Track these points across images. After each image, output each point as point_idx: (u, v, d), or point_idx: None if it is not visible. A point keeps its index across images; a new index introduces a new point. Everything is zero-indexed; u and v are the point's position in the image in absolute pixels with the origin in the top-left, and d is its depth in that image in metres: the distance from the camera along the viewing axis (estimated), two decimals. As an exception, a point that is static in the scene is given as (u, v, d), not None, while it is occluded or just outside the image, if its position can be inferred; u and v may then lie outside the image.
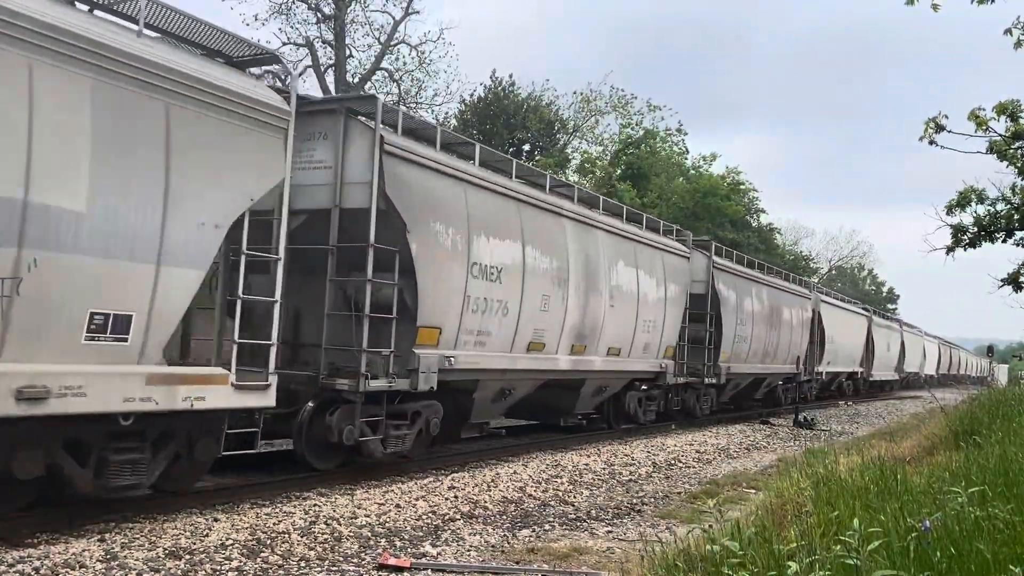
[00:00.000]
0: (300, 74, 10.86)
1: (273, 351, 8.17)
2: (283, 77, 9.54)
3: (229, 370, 7.67)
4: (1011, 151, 12.19)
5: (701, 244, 20.22)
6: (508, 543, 7.58)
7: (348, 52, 29.64)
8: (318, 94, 21.95)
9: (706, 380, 19.46)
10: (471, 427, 12.49)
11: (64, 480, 6.85)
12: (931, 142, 11.94)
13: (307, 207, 9.82)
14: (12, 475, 6.43)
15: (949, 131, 11.86)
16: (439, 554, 7.04)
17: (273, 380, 8.09)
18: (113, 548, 6.40)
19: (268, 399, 8.08)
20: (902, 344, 44.76)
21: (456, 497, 9.31)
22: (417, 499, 9.02)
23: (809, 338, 27.43)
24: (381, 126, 9.68)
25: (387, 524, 7.94)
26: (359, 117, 9.91)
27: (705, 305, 19.36)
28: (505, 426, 14.57)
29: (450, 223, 10.60)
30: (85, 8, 7.20)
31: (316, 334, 9.93)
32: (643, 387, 16.94)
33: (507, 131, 33.64)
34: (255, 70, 9.41)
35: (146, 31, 7.27)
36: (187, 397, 7.22)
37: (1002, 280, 13.59)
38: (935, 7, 9.90)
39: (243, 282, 7.86)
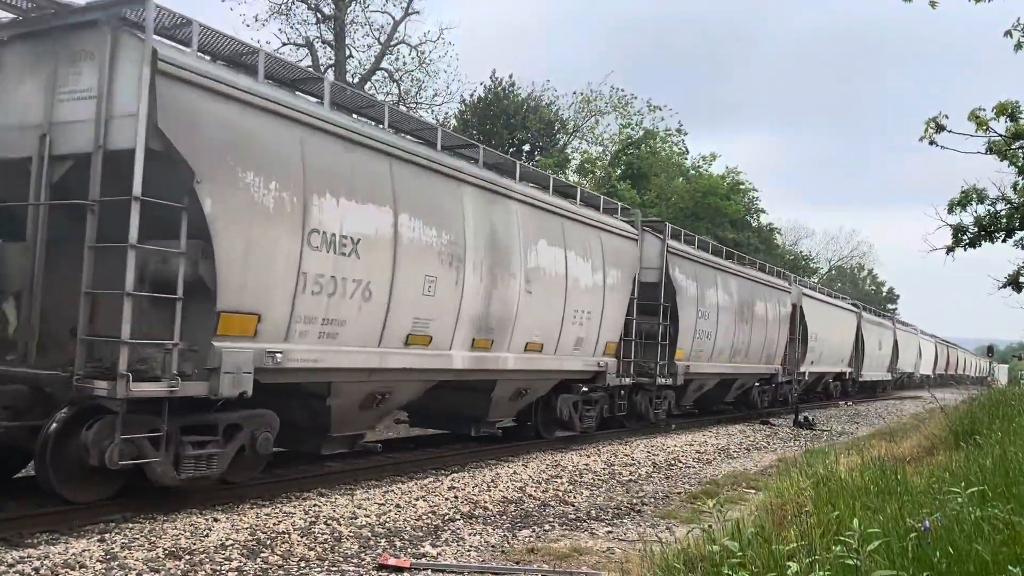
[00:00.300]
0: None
1: None
2: None
3: None
4: (1011, 151, 12.19)
5: (652, 225, 17.55)
6: (508, 543, 7.58)
7: (348, 52, 29.58)
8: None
9: (659, 381, 16.84)
10: (336, 441, 9.73)
11: None
12: (931, 142, 11.95)
13: (71, 150, 7.58)
14: None
15: (949, 131, 11.87)
16: (439, 554, 7.04)
17: None
18: (113, 548, 6.40)
19: None
20: (895, 342, 42.32)
21: (456, 497, 9.31)
22: (417, 499, 9.02)
23: (789, 335, 25.35)
24: (160, 40, 7.46)
25: (387, 524, 7.94)
26: (135, 31, 7.40)
27: (658, 295, 16.78)
28: (384, 439, 12.37)
29: (274, 176, 8.08)
30: None
31: (107, 322, 7.43)
32: (583, 389, 14.50)
33: (507, 131, 33.62)
34: None
35: None
36: None
37: (1003, 282, 13.60)
38: (933, 4, 9.92)
39: None
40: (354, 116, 10.05)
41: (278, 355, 8.24)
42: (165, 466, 7.52)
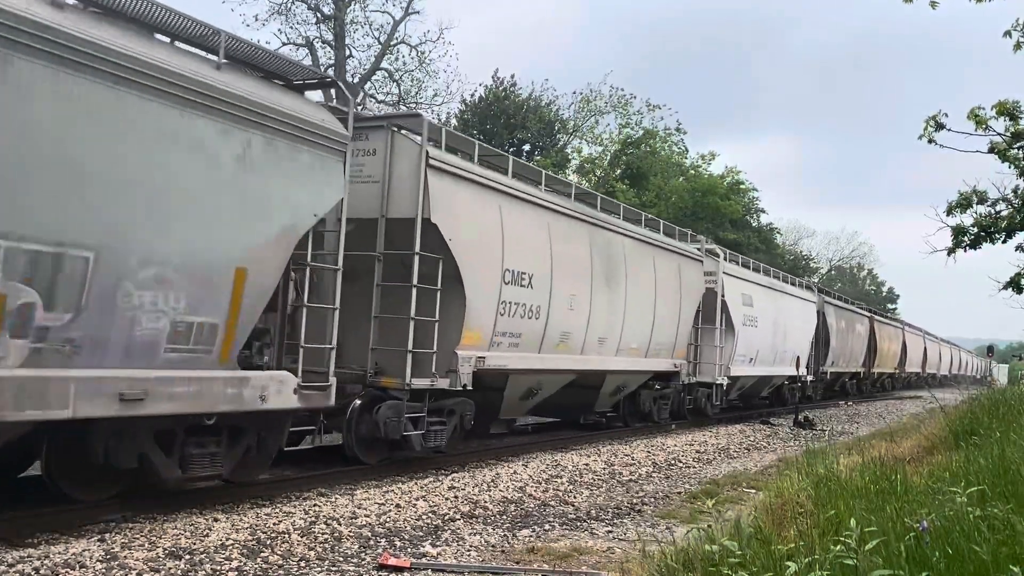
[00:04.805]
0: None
1: None
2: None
3: None
4: (1012, 152, 12.20)
5: (403, 121, 10.99)
6: (508, 543, 7.59)
7: (348, 52, 29.65)
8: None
9: (414, 384, 10.14)
10: None
11: None
12: (930, 141, 11.98)
13: None
14: None
15: (948, 130, 11.90)
16: (439, 554, 7.05)
17: None
18: (113, 548, 6.40)
19: None
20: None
21: (456, 497, 9.31)
22: (417, 499, 9.02)
23: (702, 321, 19.36)
24: None
25: (387, 524, 7.95)
26: None
27: (432, 248, 10.27)
28: None
29: None
30: None
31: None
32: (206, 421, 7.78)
33: (507, 131, 33.64)
34: None
35: None
36: None
37: (1004, 284, 13.62)
38: (933, 4, 9.95)
39: None
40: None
41: None
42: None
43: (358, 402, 10.10)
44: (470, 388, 11.10)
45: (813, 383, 28.18)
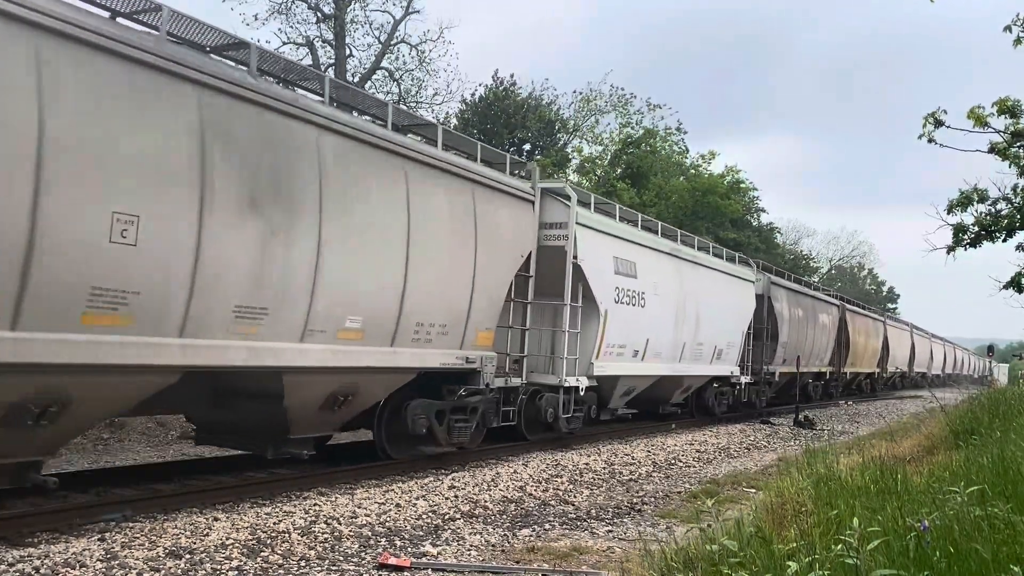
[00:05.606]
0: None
1: None
2: None
3: None
4: (1012, 151, 12.21)
5: None
6: (508, 542, 7.59)
7: (348, 52, 29.57)
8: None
9: None
10: None
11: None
12: (930, 140, 11.99)
13: None
14: None
15: (948, 127, 11.91)
16: (439, 553, 7.05)
17: None
18: (113, 548, 6.40)
19: None
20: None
21: (456, 496, 9.31)
22: (417, 498, 9.02)
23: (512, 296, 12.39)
24: None
25: (387, 523, 7.94)
26: None
27: None
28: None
29: None
30: None
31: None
32: None
33: (507, 131, 33.62)
34: None
35: None
36: None
37: (1005, 284, 13.64)
38: None
39: None
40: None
41: None
42: None
43: None
44: None
45: (753, 386, 22.42)
